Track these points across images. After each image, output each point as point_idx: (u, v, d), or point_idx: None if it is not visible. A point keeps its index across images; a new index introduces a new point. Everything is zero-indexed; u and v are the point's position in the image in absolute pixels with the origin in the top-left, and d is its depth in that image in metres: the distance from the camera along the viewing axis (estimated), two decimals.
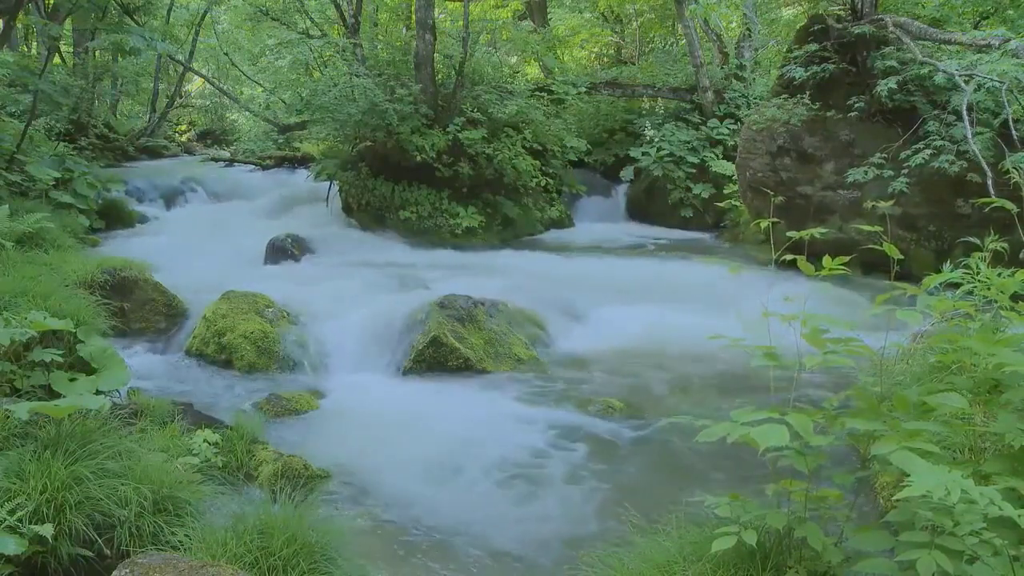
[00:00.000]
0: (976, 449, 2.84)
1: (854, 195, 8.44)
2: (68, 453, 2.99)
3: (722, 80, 13.60)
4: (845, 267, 2.57)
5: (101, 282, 6.01)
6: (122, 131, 17.06)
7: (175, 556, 2.62)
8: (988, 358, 2.30)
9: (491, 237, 10.90)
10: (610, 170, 13.43)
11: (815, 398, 2.87)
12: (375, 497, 3.97)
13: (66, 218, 8.55)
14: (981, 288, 2.95)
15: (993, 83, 7.16)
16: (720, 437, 2.28)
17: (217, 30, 18.45)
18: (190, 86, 23.63)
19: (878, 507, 3.32)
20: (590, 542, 3.55)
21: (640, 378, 5.75)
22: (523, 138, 11.40)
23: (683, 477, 4.20)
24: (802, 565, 2.36)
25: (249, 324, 5.93)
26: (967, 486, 1.81)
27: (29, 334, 3.81)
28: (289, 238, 9.37)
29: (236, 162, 15.98)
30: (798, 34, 9.65)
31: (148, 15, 15.22)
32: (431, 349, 5.86)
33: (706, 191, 12.19)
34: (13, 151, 8.78)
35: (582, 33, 18.46)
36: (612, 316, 6.86)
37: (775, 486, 2.53)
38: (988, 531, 1.95)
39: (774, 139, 9.12)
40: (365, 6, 13.35)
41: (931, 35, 8.35)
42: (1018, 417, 2.29)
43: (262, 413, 4.91)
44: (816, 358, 2.47)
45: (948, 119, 7.94)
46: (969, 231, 5.88)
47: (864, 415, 2.35)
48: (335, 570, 2.81)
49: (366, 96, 10.19)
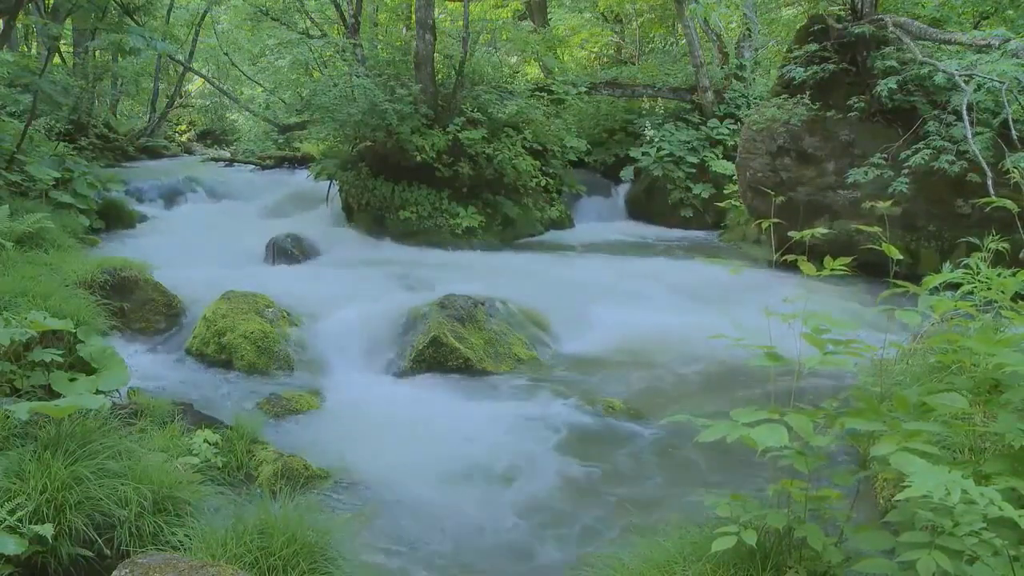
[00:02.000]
0: (976, 449, 2.84)
1: (854, 195, 8.43)
2: (68, 453, 2.99)
3: (722, 80, 13.60)
4: (845, 267, 2.57)
5: (101, 282, 6.01)
6: (122, 131, 17.06)
7: (175, 556, 2.62)
8: (988, 358, 2.30)
9: (491, 237, 10.89)
10: (610, 170, 13.44)
11: (816, 398, 2.87)
12: (375, 497, 3.97)
13: (66, 218, 8.53)
14: (981, 288, 2.95)
15: (993, 83, 7.17)
16: (720, 437, 2.29)
17: (217, 30, 18.44)
18: (190, 86, 23.64)
19: (878, 507, 3.32)
20: (590, 542, 3.56)
21: (640, 378, 5.75)
22: (523, 138, 11.40)
23: (683, 477, 4.20)
24: (802, 565, 2.36)
25: (249, 324, 5.93)
26: (967, 486, 1.81)
27: (29, 334, 3.81)
28: (289, 238, 9.37)
29: (236, 162, 16.01)
30: (798, 34, 9.65)
31: (148, 15, 15.19)
32: (431, 349, 5.86)
33: (706, 191, 12.20)
34: (13, 151, 8.77)
35: (582, 33, 18.46)
36: (612, 316, 6.86)
37: (775, 486, 2.53)
38: (988, 531, 1.95)
39: (774, 139, 9.12)
40: (365, 6, 13.35)
41: (931, 35, 8.35)
42: (1018, 417, 2.28)
43: (262, 413, 4.91)
44: (816, 358, 2.47)
45: (948, 119, 7.93)
46: (969, 231, 5.89)
47: (864, 415, 2.35)
48: (335, 570, 2.81)
49: (366, 96, 10.19)
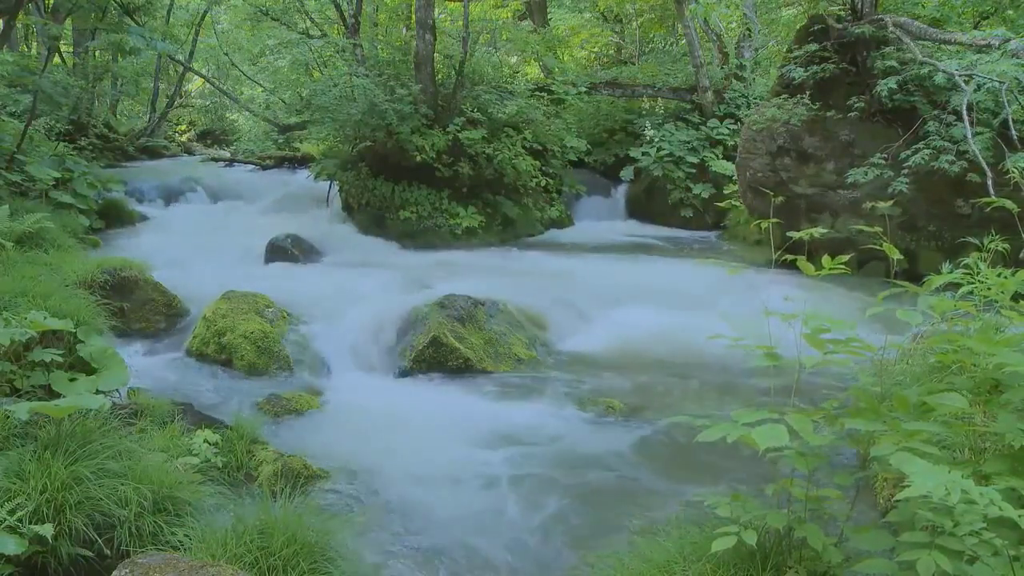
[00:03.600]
0: (976, 449, 2.84)
1: (854, 195, 8.44)
2: (68, 453, 2.99)
3: (722, 80, 13.60)
4: (845, 267, 2.57)
5: (101, 282, 6.01)
6: (122, 131, 17.07)
7: (175, 556, 2.62)
8: (988, 358, 2.30)
9: (491, 237, 10.90)
10: (610, 170, 13.44)
11: (816, 398, 2.87)
12: (375, 497, 3.97)
13: (66, 218, 8.53)
14: (981, 288, 2.95)
15: (993, 83, 7.17)
16: (720, 437, 2.29)
17: (217, 30, 18.45)
18: (190, 86, 23.64)
19: (878, 507, 3.32)
20: (590, 542, 3.56)
21: (640, 378, 5.75)
22: (523, 138, 11.40)
23: (683, 477, 4.19)
24: (802, 565, 2.36)
25: (249, 324, 5.93)
26: (967, 486, 1.81)
27: (29, 334, 3.81)
28: (289, 238, 9.37)
29: (236, 162, 16.01)
30: (798, 34, 9.65)
31: (148, 15, 15.21)
32: (431, 349, 5.86)
33: (706, 191, 12.20)
34: (13, 151, 8.77)
35: (582, 33, 18.45)
36: (612, 316, 6.86)
37: (775, 486, 2.53)
38: (988, 531, 1.95)
39: (774, 139, 9.12)
40: (365, 6, 13.34)
41: (931, 35, 8.35)
42: (1018, 417, 2.28)
43: (262, 413, 4.91)
44: (815, 358, 2.47)
45: (948, 119, 7.93)
46: (969, 231, 5.89)
47: (864, 415, 2.35)
48: (335, 570, 2.81)
49: (366, 96, 10.19)
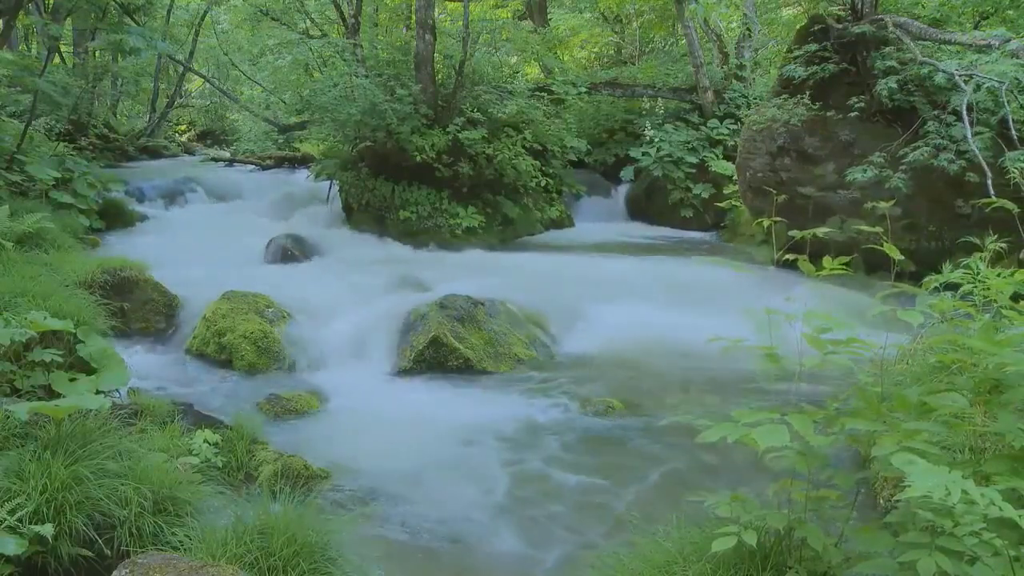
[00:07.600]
0: (976, 449, 2.84)
1: (854, 195, 8.43)
2: (68, 453, 2.98)
3: (722, 80, 13.59)
4: (846, 267, 2.57)
5: (101, 282, 6.01)
6: (122, 131, 17.07)
7: (175, 556, 2.62)
8: (989, 358, 2.30)
9: (491, 237, 10.90)
10: (610, 170, 13.44)
11: (816, 398, 2.87)
12: (375, 497, 3.97)
13: (66, 218, 8.53)
14: (980, 288, 2.95)
15: (993, 83, 7.17)
16: (720, 437, 2.28)
17: (217, 30, 18.44)
18: (190, 86, 23.64)
19: (878, 507, 3.32)
20: (590, 542, 3.56)
21: (640, 378, 5.75)
22: (523, 138, 11.39)
23: (683, 477, 4.20)
24: (802, 565, 2.35)
25: (249, 324, 5.93)
26: (967, 486, 1.80)
27: (29, 334, 3.80)
28: (289, 238, 9.37)
29: (236, 162, 16.02)
30: (798, 34, 9.65)
31: (148, 15, 15.22)
32: (431, 349, 5.86)
33: (706, 191, 12.20)
34: (13, 151, 8.76)
35: (582, 33, 18.45)
36: (612, 316, 6.86)
37: (775, 486, 2.53)
38: (988, 531, 1.95)
39: (774, 139, 9.12)
40: (365, 6, 13.34)
41: (931, 35, 8.35)
42: (1018, 417, 2.28)
43: (262, 413, 4.92)
44: (815, 358, 2.47)
45: (948, 119, 7.94)
46: (969, 231, 5.89)
47: (864, 415, 2.34)
48: (335, 570, 2.80)
49: (366, 96, 10.18)
